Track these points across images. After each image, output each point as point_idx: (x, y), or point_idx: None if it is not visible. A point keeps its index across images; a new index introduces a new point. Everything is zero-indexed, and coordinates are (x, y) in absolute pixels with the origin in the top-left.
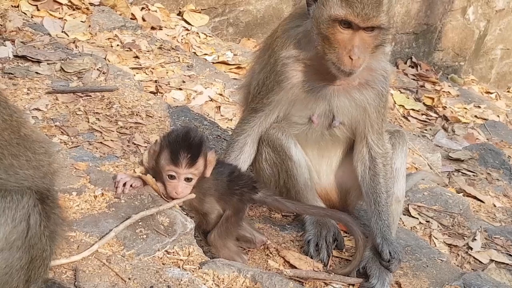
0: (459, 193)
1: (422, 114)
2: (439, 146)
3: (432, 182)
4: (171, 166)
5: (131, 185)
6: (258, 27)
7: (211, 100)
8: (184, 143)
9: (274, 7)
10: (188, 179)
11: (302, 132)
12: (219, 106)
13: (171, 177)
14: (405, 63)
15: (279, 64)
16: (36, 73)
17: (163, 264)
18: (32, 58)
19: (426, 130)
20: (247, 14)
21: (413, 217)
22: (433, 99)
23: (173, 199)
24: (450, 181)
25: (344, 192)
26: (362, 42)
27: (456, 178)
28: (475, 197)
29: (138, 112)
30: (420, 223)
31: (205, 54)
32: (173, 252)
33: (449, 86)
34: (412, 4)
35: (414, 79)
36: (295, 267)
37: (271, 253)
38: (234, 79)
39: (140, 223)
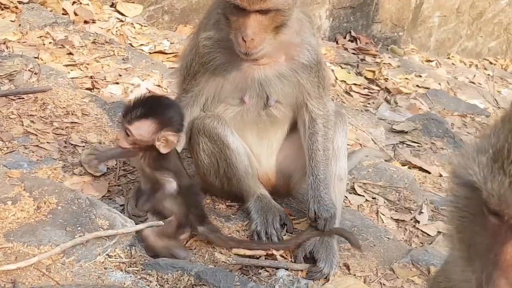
0: (404, 165)
1: (364, 88)
2: (383, 119)
3: (376, 158)
4: (122, 115)
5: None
6: (194, 12)
7: (149, 92)
8: (144, 101)
9: None
10: (127, 134)
11: (237, 114)
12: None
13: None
14: (345, 37)
15: (200, 46)
16: None
17: (105, 268)
18: None
19: (369, 104)
20: (182, 1)
21: (359, 195)
22: (374, 72)
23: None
24: (395, 154)
25: (286, 176)
26: (257, 24)
27: (401, 150)
28: (421, 168)
29: (74, 111)
30: (366, 200)
31: (141, 44)
32: (115, 255)
33: (389, 57)
34: None
35: (354, 54)
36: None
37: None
38: (172, 68)
39: (78, 228)
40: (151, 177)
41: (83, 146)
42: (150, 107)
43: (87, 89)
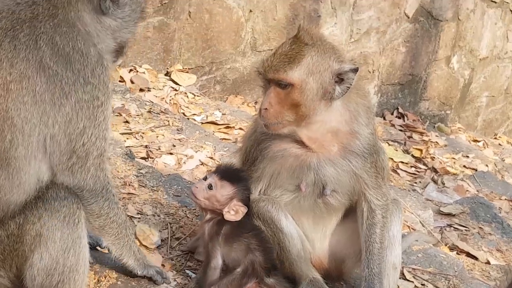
0: (452, 250)
1: (411, 167)
2: (430, 200)
3: (425, 243)
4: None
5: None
6: (245, 84)
7: (202, 164)
8: (235, 169)
9: None
10: (210, 187)
11: (293, 200)
12: (210, 170)
13: (205, 178)
14: (392, 114)
15: (258, 132)
16: None
17: None
18: None
19: (415, 183)
20: (233, 72)
21: (408, 280)
22: (421, 150)
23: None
24: (443, 237)
25: (339, 260)
26: (274, 95)
27: (448, 233)
28: (468, 253)
29: (131, 182)
30: (415, 286)
31: (194, 114)
32: None
33: (436, 136)
34: (397, 56)
35: (401, 130)
36: None
37: None
38: (223, 139)
39: None
40: (206, 246)
41: (139, 218)
42: (238, 176)
43: (142, 158)
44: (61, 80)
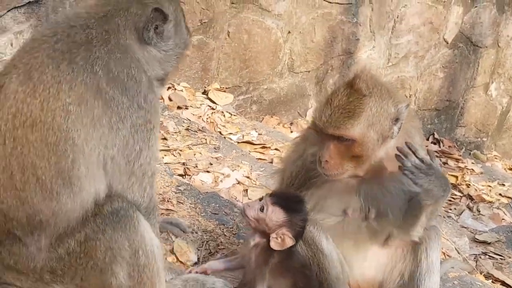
0: (487, 277)
1: None
2: (465, 227)
3: (461, 270)
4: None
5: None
6: (281, 104)
7: (239, 183)
8: (292, 197)
9: (297, 85)
10: (261, 209)
11: (337, 224)
12: (247, 189)
13: (261, 198)
14: (428, 139)
15: (308, 162)
16: None
17: None
18: None
19: (450, 209)
20: (270, 92)
21: None
22: (457, 177)
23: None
24: (477, 265)
25: (376, 285)
26: (334, 148)
27: (483, 262)
28: (503, 283)
29: (169, 199)
30: None
31: (230, 133)
32: None
33: (472, 163)
34: (435, 81)
35: (437, 156)
36: None
37: None
38: (259, 159)
39: None
40: (251, 271)
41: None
42: (296, 206)
43: (179, 175)
44: (117, 105)
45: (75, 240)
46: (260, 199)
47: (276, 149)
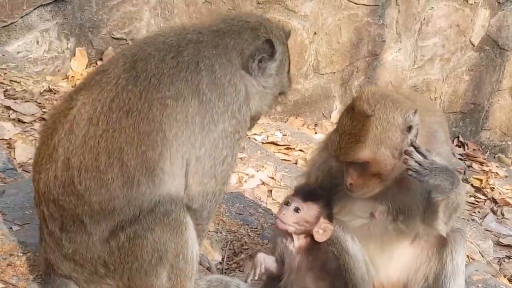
0: (510, 281)
1: (471, 196)
2: (489, 231)
3: (485, 273)
4: (292, 193)
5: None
6: (306, 106)
7: (263, 183)
8: (314, 188)
9: (322, 86)
10: (296, 210)
11: (363, 225)
12: (271, 190)
13: (287, 203)
14: (452, 142)
15: (334, 167)
16: None
17: None
18: None
19: (474, 213)
20: (295, 93)
21: None
22: (481, 180)
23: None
24: (501, 268)
25: (401, 286)
26: (353, 171)
27: (507, 265)
28: None
29: None
30: None
31: (255, 134)
32: None
33: (497, 166)
34: (460, 84)
35: (461, 159)
36: None
37: None
38: (284, 160)
39: None
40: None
41: None
42: (318, 194)
43: None
44: (212, 108)
45: (125, 234)
46: (286, 204)
47: (300, 150)
